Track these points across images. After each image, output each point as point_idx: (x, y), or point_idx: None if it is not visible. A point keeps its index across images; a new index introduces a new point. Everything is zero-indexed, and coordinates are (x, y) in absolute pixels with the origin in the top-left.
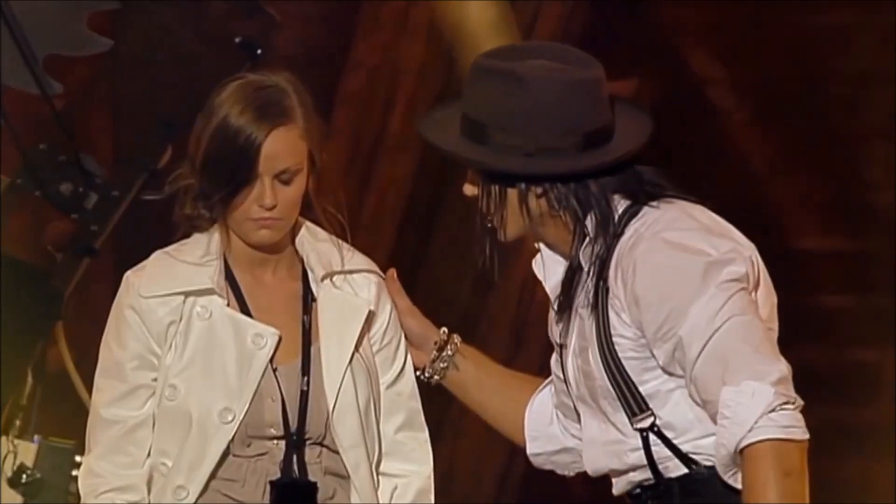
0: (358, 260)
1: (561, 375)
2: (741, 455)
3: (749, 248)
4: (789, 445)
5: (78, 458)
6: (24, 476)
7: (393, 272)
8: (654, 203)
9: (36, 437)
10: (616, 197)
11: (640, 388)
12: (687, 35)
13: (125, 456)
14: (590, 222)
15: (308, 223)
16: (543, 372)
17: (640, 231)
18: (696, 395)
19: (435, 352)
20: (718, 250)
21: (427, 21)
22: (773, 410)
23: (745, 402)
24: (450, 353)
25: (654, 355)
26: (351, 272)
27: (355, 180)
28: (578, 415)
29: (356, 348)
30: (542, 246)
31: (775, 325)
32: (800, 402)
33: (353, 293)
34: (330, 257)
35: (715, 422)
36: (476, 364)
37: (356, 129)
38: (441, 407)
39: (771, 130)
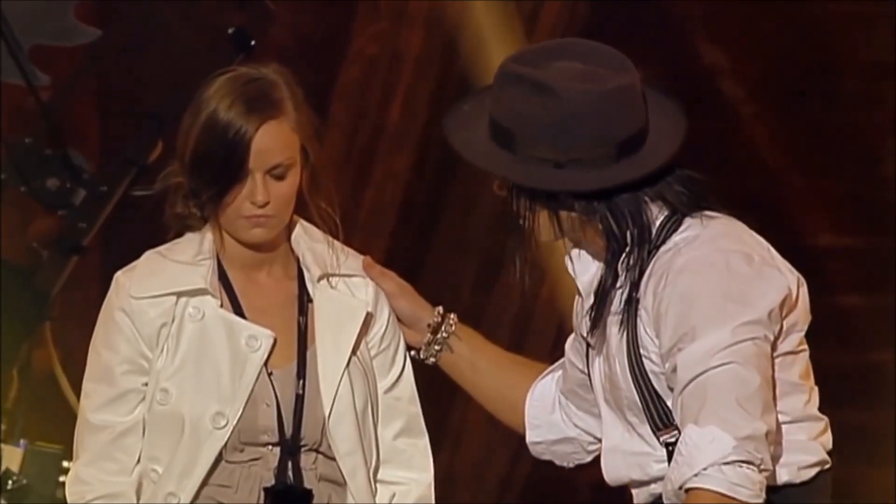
0: (354, 262)
1: (581, 367)
2: (686, 494)
3: (791, 276)
4: (731, 502)
5: (65, 464)
6: (10, 482)
7: (368, 258)
8: (696, 215)
9: (22, 442)
10: (652, 206)
11: (668, 403)
12: (692, 29)
13: (113, 462)
14: (628, 234)
15: (303, 222)
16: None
17: (680, 245)
18: (676, 419)
19: (429, 334)
20: (761, 277)
21: (426, 10)
22: (726, 463)
23: (702, 446)
24: (444, 335)
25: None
26: (349, 276)
27: (353, 175)
28: (589, 403)
29: (353, 351)
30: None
31: (806, 347)
32: (766, 465)
33: (350, 294)
34: (326, 258)
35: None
36: (471, 346)
37: (353, 122)
38: (442, 412)
39: (781, 125)
